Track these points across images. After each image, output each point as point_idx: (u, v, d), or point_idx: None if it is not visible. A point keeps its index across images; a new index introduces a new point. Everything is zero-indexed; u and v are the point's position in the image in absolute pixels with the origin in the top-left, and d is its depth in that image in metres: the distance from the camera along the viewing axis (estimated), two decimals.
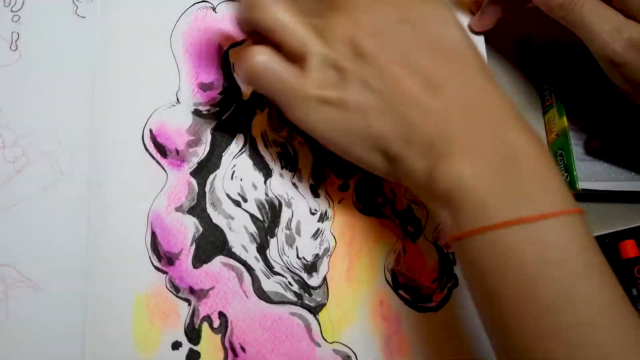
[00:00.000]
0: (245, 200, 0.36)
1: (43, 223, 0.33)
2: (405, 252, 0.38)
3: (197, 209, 0.36)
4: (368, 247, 0.38)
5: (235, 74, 0.38)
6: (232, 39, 0.39)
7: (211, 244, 0.35)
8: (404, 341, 0.37)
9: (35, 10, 0.36)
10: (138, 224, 0.34)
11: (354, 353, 0.36)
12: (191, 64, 0.37)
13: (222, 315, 0.35)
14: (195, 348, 0.34)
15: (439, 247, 0.39)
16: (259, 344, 0.35)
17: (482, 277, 0.27)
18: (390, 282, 0.38)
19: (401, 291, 0.38)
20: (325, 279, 0.37)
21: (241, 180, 0.37)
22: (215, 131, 0.37)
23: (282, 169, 0.37)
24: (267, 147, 0.37)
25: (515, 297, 0.26)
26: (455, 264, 0.39)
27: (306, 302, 0.36)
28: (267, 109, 0.38)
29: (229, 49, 0.38)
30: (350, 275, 0.37)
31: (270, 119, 0.38)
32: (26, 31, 0.35)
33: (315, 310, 0.36)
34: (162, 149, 0.36)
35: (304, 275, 0.36)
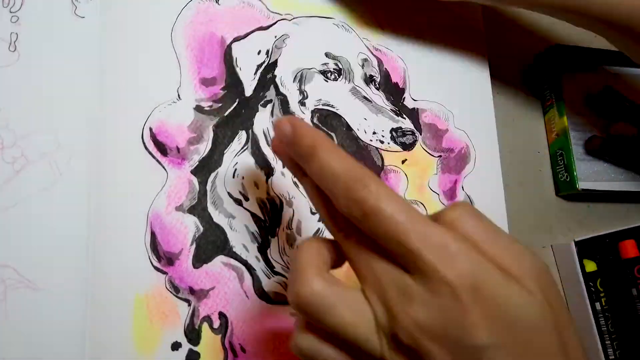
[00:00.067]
0: (246, 199, 0.36)
1: (42, 223, 0.33)
2: None
3: (198, 208, 0.35)
4: None
5: (237, 68, 0.38)
6: (235, 32, 0.38)
7: (212, 243, 0.35)
8: None
9: (34, 10, 0.36)
10: (137, 224, 0.34)
11: None
12: (193, 58, 0.37)
13: (222, 315, 0.35)
14: (195, 348, 0.34)
15: None
16: (259, 344, 0.35)
17: None
18: None
19: None
20: None
21: (243, 178, 0.37)
22: (217, 128, 0.37)
23: (283, 167, 0.37)
24: (269, 146, 0.37)
25: None
26: None
27: None
28: (269, 106, 0.38)
29: (232, 42, 0.38)
30: (350, 275, 0.37)
31: (272, 116, 0.38)
32: (25, 32, 0.35)
33: None
34: (162, 148, 0.36)
35: None
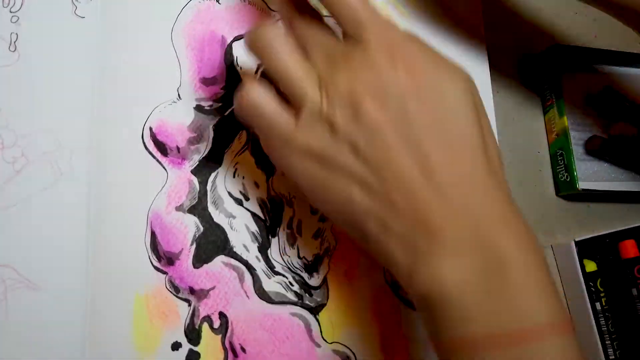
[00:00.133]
0: (247, 199, 0.36)
1: (43, 223, 0.33)
2: None
3: (198, 208, 0.35)
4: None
5: (238, 68, 0.38)
6: (236, 31, 0.38)
7: (212, 243, 0.35)
8: (404, 341, 0.37)
9: (34, 10, 0.36)
10: (138, 224, 0.34)
11: (353, 353, 0.36)
12: (193, 58, 0.37)
13: (222, 315, 0.35)
14: (195, 348, 0.34)
15: None
16: (259, 345, 0.35)
17: None
18: (390, 282, 0.38)
19: (401, 291, 0.38)
20: (325, 279, 0.37)
21: (243, 178, 0.37)
22: (217, 128, 0.37)
23: None
24: None
25: None
26: None
27: (306, 302, 0.36)
28: None
29: (232, 41, 0.38)
30: (351, 276, 0.37)
31: None
32: (25, 32, 0.35)
33: (315, 310, 0.36)
34: (162, 147, 0.36)
35: (305, 275, 0.36)
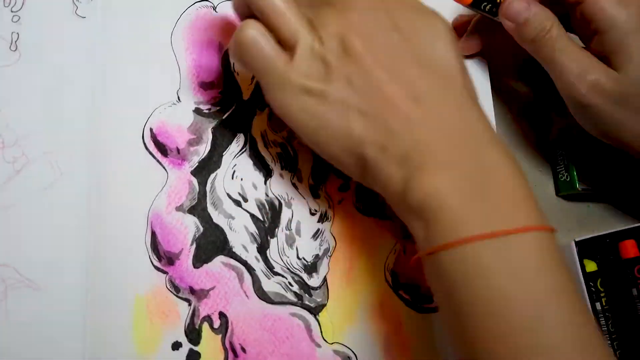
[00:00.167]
0: (245, 200, 0.36)
1: (43, 223, 0.33)
2: (405, 253, 0.38)
3: (198, 209, 0.36)
4: (368, 247, 0.38)
5: (235, 74, 0.38)
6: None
7: (212, 243, 0.35)
8: (405, 342, 0.37)
9: (35, 10, 0.36)
10: (138, 224, 0.34)
11: (354, 354, 0.36)
12: (192, 62, 0.37)
13: (222, 315, 0.35)
14: (195, 348, 0.34)
15: None
16: (259, 345, 0.35)
17: (451, 292, 0.27)
18: (391, 282, 0.38)
19: (401, 291, 0.38)
20: (325, 279, 0.37)
21: (242, 180, 0.37)
22: (216, 130, 0.37)
23: (282, 169, 0.37)
24: (267, 148, 0.37)
25: (483, 314, 0.26)
26: None
27: (306, 302, 0.36)
28: (267, 109, 0.38)
29: (228, 49, 0.38)
30: (351, 276, 0.37)
31: (270, 119, 0.38)
32: (26, 31, 0.35)
33: (315, 310, 0.36)
34: (162, 148, 0.36)
35: (304, 276, 0.36)
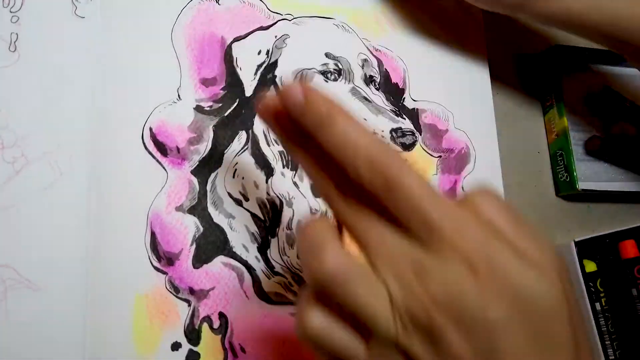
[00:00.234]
0: (246, 199, 0.36)
1: (43, 223, 0.33)
2: None
3: (198, 208, 0.35)
4: None
5: (237, 68, 0.38)
6: (236, 32, 0.38)
7: (212, 243, 0.35)
8: None
9: (34, 10, 0.36)
10: (137, 224, 0.34)
11: None
12: (193, 59, 0.37)
13: (222, 315, 0.35)
14: (195, 349, 0.34)
15: None
16: (259, 345, 0.35)
17: None
18: None
19: None
20: None
21: (243, 178, 0.37)
22: (217, 128, 0.37)
23: (283, 167, 0.37)
24: (268, 146, 0.37)
25: None
26: None
27: None
28: None
29: (232, 42, 0.38)
30: None
31: None
32: (25, 32, 0.35)
33: None
34: (162, 148, 0.36)
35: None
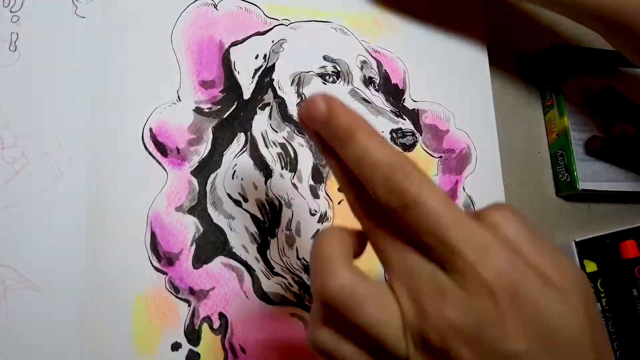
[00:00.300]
0: (246, 200, 0.36)
1: (43, 223, 0.33)
2: None
3: (198, 209, 0.35)
4: (368, 247, 0.38)
5: (236, 72, 0.38)
6: (233, 36, 0.39)
7: (212, 244, 0.35)
8: None
9: (34, 10, 0.36)
10: (137, 224, 0.34)
11: None
12: (192, 61, 0.37)
13: (222, 316, 0.35)
14: (194, 349, 0.34)
15: None
16: (259, 345, 0.35)
17: None
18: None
19: None
20: None
21: (242, 180, 0.37)
22: (216, 130, 0.37)
23: (282, 169, 0.37)
24: (267, 147, 0.37)
25: None
26: None
27: (306, 303, 0.36)
28: (267, 109, 0.38)
29: (230, 47, 0.38)
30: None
31: (270, 119, 0.38)
32: (25, 32, 0.35)
33: None
34: (162, 148, 0.36)
35: (304, 276, 0.36)
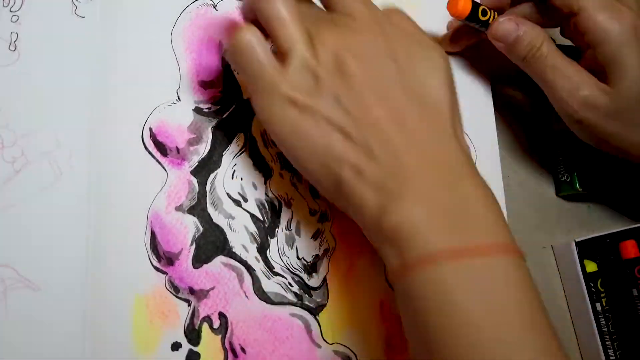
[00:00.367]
0: (245, 200, 0.36)
1: (42, 223, 0.33)
2: None
3: (198, 209, 0.35)
4: (368, 247, 0.38)
5: (235, 73, 0.38)
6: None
7: (211, 243, 0.35)
8: (405, 342, 0.37)
9: (34, 10, 0.36)
10: (137, 224, 0.34)
11: (354, 354, 0.36)
12: (192, 61, 0.37)
13: (222, 315, 0.35)
14: (195, 349, 0.34)
15: None
16: (259, 345, 0.35)
17: (418, 313, 0.27)
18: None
19: None
20: (325, 279, 0.37)
21: (241, 179, 0.37)
22: (216, 129, 0.37)
23: (282, 169, 0.37)
24: (267, 147, 0.37)
25: (450, 338, 0.26)
26: None
27: (306, 302, 0.36)
28: None
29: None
30: (351, 276, 0.37)
31: None
32: (25, 31, 0.35)
33: (315, 311, 0.36)
34: (162, 148, 0.36)
35: (304, 276, 0.36)
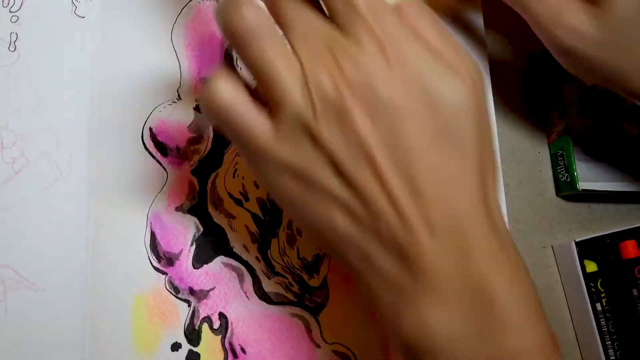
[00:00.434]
0: (246, 199, 0.36)
1: (42, 224, 0.33)
2: None
3: (198, 208, 0.35)
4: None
5: (238, 69, 0.38)
6: None
7: (212, 243, 0.35)
8: None
9: (33, 10, 0.36)
10: (137, 224, 0.34)
11: (353, 354, 0.36)
12: (193, 58, 0.37)
13: (222, 316, 0.35)
14: (195, 349, 0.34)
15: None
16: (259, 345, 0.35)
17: None
18: None
19: None
20: (325, 279, 0.37)
21: (243, 179, 0.37)
22: (216, 128, 0.37)
23: None
24: None
25: None
26: None
27: (306, 302, 0.36)
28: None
29: None
30: (351, 276, 0.37)
31: None
32: (25, 32, 0.35)
33: (315, 311, 0.36)
34: (162, 148, 0.36)
35: (305, 276, 0.36)
